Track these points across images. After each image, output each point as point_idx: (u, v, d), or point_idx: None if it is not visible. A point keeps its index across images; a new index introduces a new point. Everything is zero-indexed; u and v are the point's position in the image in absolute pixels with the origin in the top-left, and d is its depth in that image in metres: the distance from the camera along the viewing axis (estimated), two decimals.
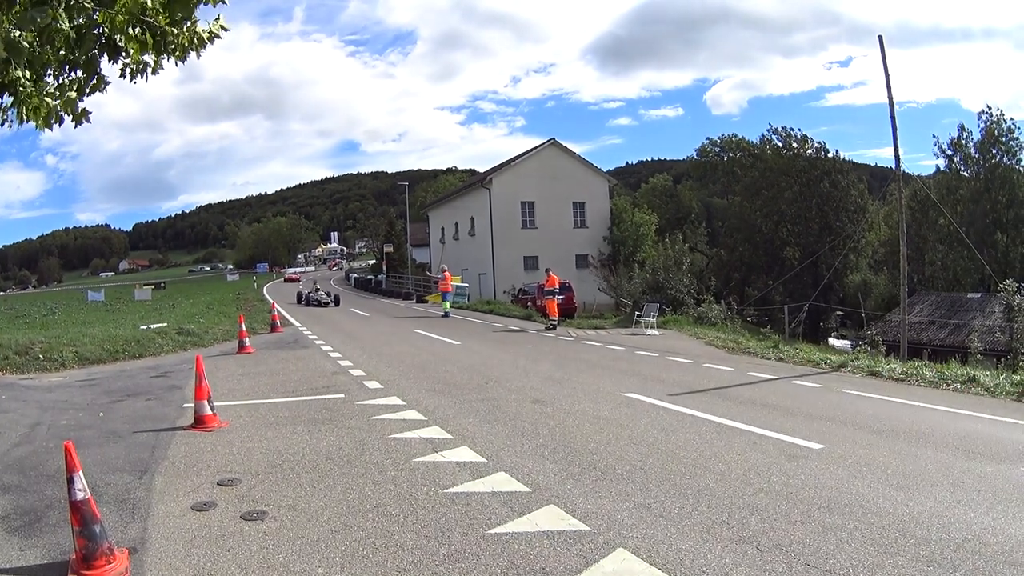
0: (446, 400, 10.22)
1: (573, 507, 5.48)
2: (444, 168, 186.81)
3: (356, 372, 12.95)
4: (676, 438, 7.92)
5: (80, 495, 4.33)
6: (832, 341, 42.32)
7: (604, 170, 55.77)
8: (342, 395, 10.74)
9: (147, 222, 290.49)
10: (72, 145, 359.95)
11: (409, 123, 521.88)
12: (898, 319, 24.76)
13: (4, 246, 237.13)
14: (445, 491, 5.93)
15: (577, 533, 4.96)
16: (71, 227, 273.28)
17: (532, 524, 5.13)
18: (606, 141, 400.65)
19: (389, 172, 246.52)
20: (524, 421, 8.79)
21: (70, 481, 4.35)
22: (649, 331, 22.12)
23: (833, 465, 6.78)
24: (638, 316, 23.55)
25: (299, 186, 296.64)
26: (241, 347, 16.62)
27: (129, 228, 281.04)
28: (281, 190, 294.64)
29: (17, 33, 4.16)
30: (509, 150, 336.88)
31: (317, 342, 18.62)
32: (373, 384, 11.63)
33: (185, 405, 9.60)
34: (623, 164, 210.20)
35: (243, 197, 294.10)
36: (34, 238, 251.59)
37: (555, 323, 23.71)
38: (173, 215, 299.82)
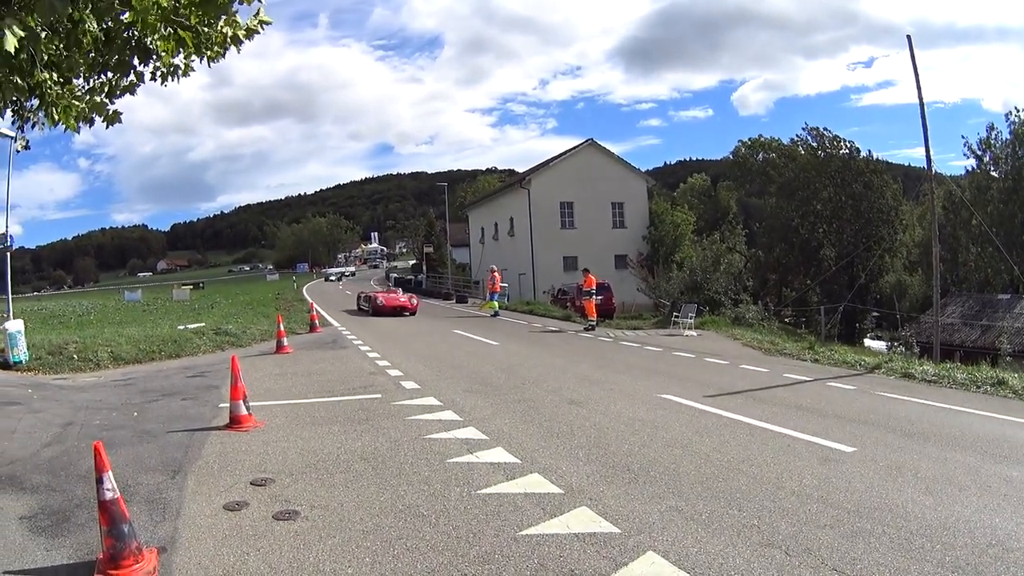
0: (482, 401, 10.18)
1: (605, 509, 5.41)
2: (483, 169, 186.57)
3: (394, 372, 12.95)
4: (710, 440, 7.81)
5: (109, 495, 4.32)
6: (868, 342, 42.02)
7: (642, 170, 55.46)
8: (379, 395, 10.74)
9: (185, 222, 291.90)
10: (106, 147, 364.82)
11: (440, 125, 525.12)
12: (931, 320, 24.41)
13: (38, 246, 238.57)
14: (478, 492, 5.89)
15: (608, 536, 4.89)
16: (107, 227, 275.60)
17: (563, 526, 5.07)
18: (642, 142, 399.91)
19: (428, 173, 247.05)
20: (560, 422, 8.72)
21: (99, 481, 4.34)
22: (686, 332, 21.95)
23: (864, 468, 6.67)
24: (676, 317, 23.40)
25: (338, 187, 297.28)
26: (279, 347, 16.70)
27: (167, 228, 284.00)
28: (320, 191, 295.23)
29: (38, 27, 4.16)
30: (543, 150, 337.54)
31: (355, 342, 18.67)
32: (410, 384, 11.62)
33: (221, 405, 9.62)
34: (661, 164, 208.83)
35: (282, 198, 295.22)
36: (69, 238, 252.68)
37: (593, 323, 23.63)
38: (212, 215, 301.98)
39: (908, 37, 19.13)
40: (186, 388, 11.66)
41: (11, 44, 3.42)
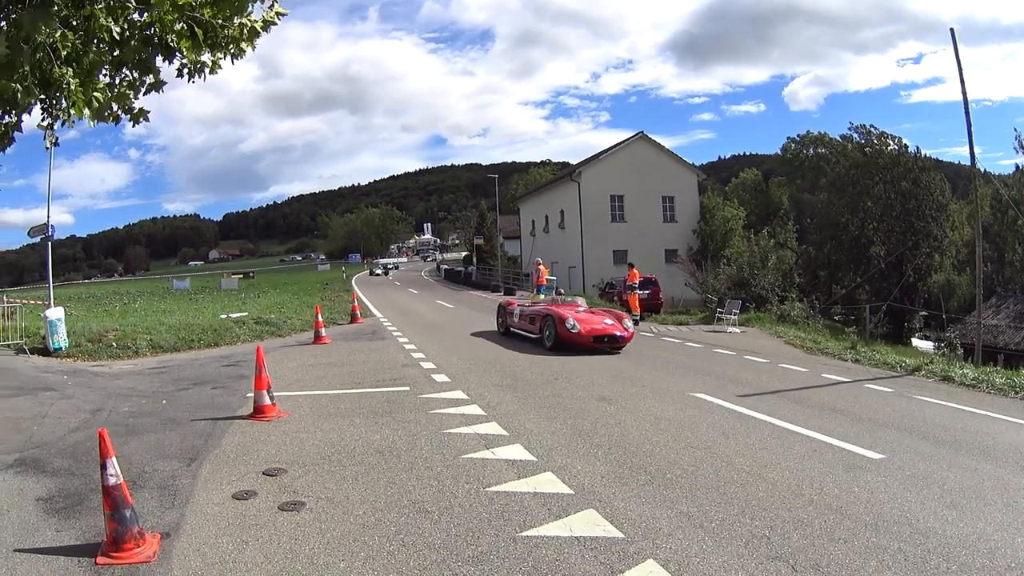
0: (511, 395, 10.13)
1: (613, 512, 5.31)
2: (537, 161, 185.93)
3: (427, 365, 12.98)
4: (735, 443, 7.65)
5: (112, 480, 4.46)
6: (916, 342, 41.31)
7: (695, 164, 55.10)
8: (407, 388, 10.75)
9: (238, 212, 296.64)
10: (157, 138, 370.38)
11: (493, 118, 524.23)
12: (975, 321, 23.86)
13: (89, 235, 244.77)
14: (486, 490, 5.84)
15: (610, 540, 4.79)
16: (159, 217, 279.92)
17: (566, 528, 5.00)
18: (696, 136, 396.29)
19: (482, 164, 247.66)
20: (584, 419, 8.63)
21: (103, 466, 4.49)
22: (730, 329, 21.73)
23: (890, 478, 6.43)
24: (720, 313, 23.16)
25: (392, 177, 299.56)
26: (317, 337, 16.88)
27: (220, 218, 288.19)
28: (374, 181, 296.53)
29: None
30: (597, 143, 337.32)
31: (395, 334, 18.78)
32: (441, 377, 11.62)
33: (249, 394, 9.68)
34: (715, 158, 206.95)
35: (336, 188, 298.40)
36: (120, 227, 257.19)
37: (637, 318, 23.44)
38: (264, 205, 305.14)
39: (951, 30, 18.56)
40: (218, 377, 11.87)
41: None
